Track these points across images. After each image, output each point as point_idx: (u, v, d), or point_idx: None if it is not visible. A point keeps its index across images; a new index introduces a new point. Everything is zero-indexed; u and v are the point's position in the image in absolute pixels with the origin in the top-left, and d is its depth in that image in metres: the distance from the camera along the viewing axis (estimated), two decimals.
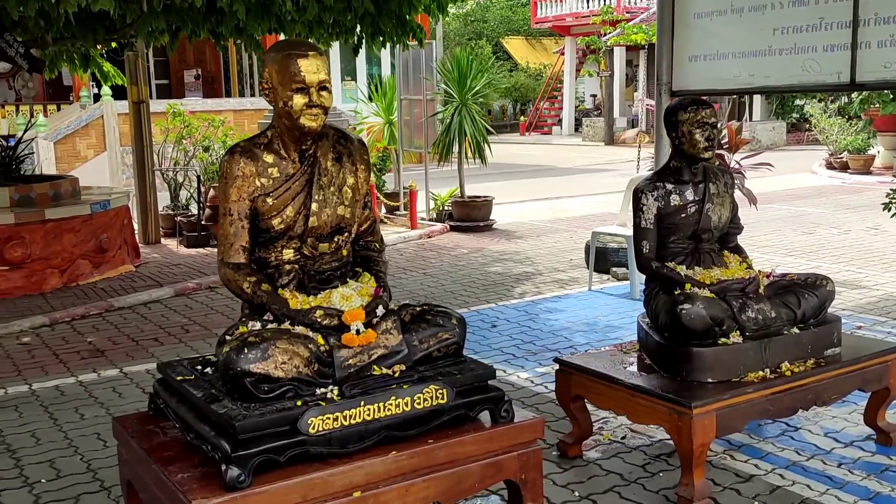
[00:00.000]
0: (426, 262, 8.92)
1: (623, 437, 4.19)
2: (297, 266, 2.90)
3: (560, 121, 33.26)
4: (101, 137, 15.98)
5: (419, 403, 2.71)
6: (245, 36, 8.19)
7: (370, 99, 12.87)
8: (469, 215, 10.84)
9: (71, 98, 18.58)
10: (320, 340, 2.70)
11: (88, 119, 15.94)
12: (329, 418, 2.57)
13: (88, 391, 5.10)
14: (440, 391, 2.75)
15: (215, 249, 9.62)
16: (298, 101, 2.77)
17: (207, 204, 9.98)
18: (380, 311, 2.81)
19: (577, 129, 31.58)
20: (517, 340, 5.93)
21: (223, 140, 10.41)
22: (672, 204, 3.85)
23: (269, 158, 2.88)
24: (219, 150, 10.43)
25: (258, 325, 2.73)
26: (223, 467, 2.43)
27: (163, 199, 10.65)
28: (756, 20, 6.03)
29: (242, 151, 2.87)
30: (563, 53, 33.19)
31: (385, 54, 20.39)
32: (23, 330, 6.47)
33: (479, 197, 11.16)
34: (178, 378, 2.83)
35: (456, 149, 10.92)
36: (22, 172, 8.97)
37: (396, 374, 2.73)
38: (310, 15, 6.84)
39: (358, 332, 2.73)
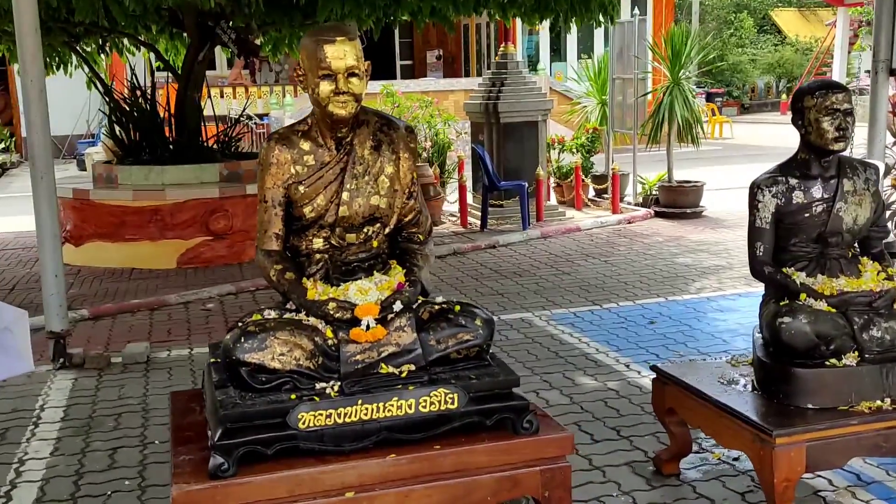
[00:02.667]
0: (613, 248, 8.57)
1: (736, 459, 3.76)
2: (326, 256, 2.86)
3: None
4: None
5: (425, 407, 2.59)
6: (439, 17, 8.27)
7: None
8: (676, 201, 10.27)
9: None
10: (329, 334, 2.65)
11: None
12: (321, 414, 2.52)
13: None
14: (450, 395, 2.61)
15: None
16: (325, 87, 2.72)
17: None
18: (397, 306, 2.70)
19: None
20: (670, 340, 5.52)
21: (428, 121, 10.61)
22: (794, 202, 3.37)
23: (305, 146, 2.85)
24: (424, 131, 10.65)
25: (273, 314, 2.73)
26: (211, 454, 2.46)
27: None
28: None
29: (279, 139, 2.86)
30: (834, 26, 30.42)
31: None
32: (210, 297, 7.00)
33: (688, 182, 10.53)
34: (212, 360, 2.89)
35: (666, 130, 10.38)
36: (239, 150, 9.69)
37: (404, 374, 2.62)
38: None
39: (368, 327, 2.64)
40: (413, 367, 2.64)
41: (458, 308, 2.75)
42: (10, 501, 3.60)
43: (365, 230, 2.86)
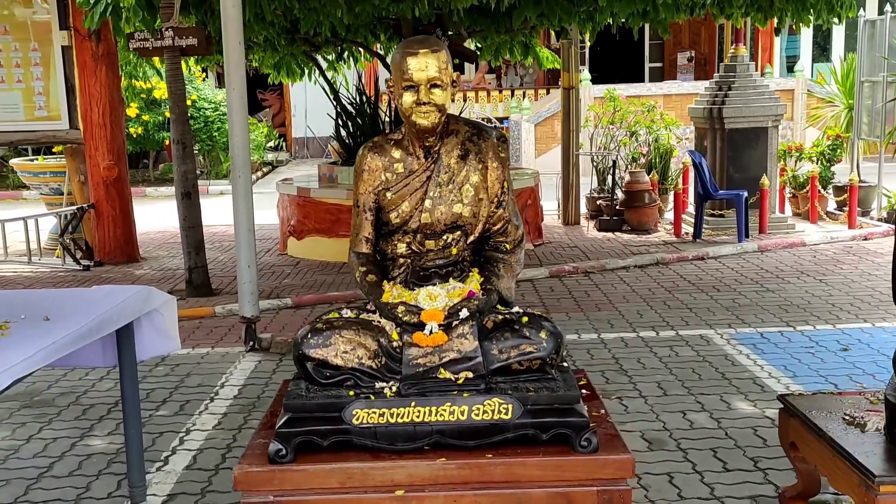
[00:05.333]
0: (835, 266, 7.89)
1: None
2: (408, 260, 2.95)
3: None
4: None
5: (477, 415, 2.60)
6: (651, 21, 8.07)
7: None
8: None
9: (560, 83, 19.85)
10: (395, 336, 2.74)
11: None
12: (375, 413, 2.61)
13: None
14: (504, 406, 2.60)
15: (625, 235, 9.70)
16: (407, 98, 2.81)
17: (624, 189, 10.06)
18: (463, 314, 2.74)
19: None
20: (857, 370, 5.04)
21: (648, 126, 10.35)
22: None
23: (396, 154, 2.96)
24: (644, 136, 10.41)
25: (350, 314, 2.87)
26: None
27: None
28: None
29: (373, 147, 2.99)
30: None
31: None
32: None
33: None
34: None
35: None
36: None
37: (460, 381, 2.65)
38: None
39: (431, 332, 2.70)
40: (471, 375, 2.66)
41: (525, 319, 2.73)
42: (166, 465, 4.04)
43: (445, 237, 2.91)
